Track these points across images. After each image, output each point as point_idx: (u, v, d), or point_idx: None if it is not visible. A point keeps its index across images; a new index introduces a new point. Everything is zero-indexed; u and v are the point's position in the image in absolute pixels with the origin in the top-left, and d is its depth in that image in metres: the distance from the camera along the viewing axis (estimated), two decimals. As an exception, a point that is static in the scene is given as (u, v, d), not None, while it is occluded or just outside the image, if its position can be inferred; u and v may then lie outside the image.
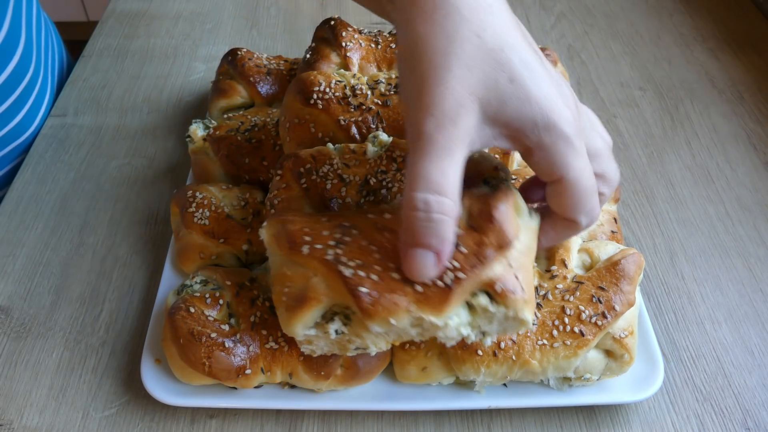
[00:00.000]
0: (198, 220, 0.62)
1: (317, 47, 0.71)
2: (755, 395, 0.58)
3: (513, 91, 0.41)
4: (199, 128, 0.71)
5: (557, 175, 0.44)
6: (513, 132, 0.43)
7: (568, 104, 0.43)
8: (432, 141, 0.40)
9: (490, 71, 0.41)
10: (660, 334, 0.62)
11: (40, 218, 0.73)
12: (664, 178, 0.78)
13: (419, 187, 0.40)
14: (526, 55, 0.42)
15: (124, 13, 1.05)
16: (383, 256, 0.44)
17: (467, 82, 0.41)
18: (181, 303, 0.55)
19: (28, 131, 0.83)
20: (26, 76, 0.82)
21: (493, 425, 0.56)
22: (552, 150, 0.43)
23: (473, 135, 0.42)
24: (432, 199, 0.40)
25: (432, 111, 0.40)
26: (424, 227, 0.40)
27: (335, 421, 0.56)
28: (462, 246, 0.43)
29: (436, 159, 0.40)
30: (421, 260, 0.41)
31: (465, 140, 0.41)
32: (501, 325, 0.45)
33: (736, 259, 0.69)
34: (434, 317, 0.43)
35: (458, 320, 0.44)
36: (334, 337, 0.46)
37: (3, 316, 0.64)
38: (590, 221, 0.47)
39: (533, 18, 1.05)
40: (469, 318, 0.44)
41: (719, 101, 0.89)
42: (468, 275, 0.43)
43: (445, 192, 0.40)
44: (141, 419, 0.56)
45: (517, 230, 0.45)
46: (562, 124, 0.42)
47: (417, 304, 0.43)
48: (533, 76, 0.42)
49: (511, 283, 0.43)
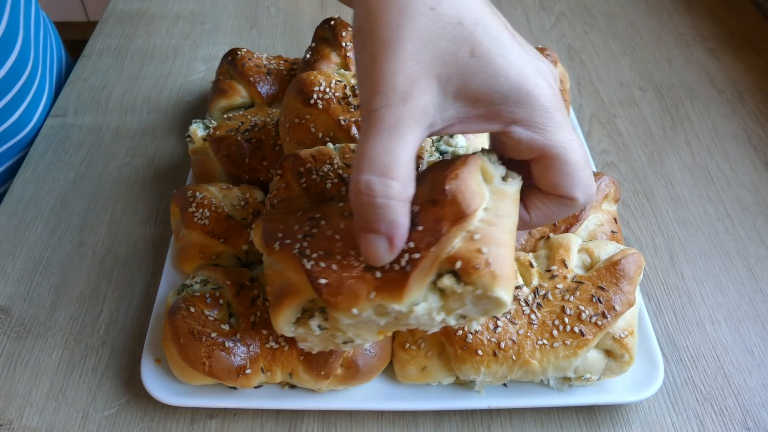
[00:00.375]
0: (198, 220, 0.62)
1: (317, 47, 0.71)
2: (755, 395, 0.58)
3: (476, 66, 0.38)
4: (199, 128, 0.71)
5: (538, 150, 0.40)
6: (483, 110, 0.40)
7: (544, 76, 0.40)
8: (379, 119, 0.37)
9: (446, 45, 0.38)
10: (660, 334, 0.62)
11: (40, 218, 0.73)
12: (664, 178, 0.78)
13: (363, 169, 0.37)
14: (491, 27, 0.39)
15: (124, 13, 1.05)
16: (345, 243, 0.42)
17: (421, 58, 0.38)
18: (182, 303, 0.55)
19: (26, 129, 0.83)
20: (24, 74, 0.82)
21: (493, 425, 0.56)
22: (529, 125, 0.40)
23: (431, 114, 0.39)
24: (375, 182, 0.37)
25: (381, 88, 0.38)
26: (370, 212, 0.38)
27: (335, 421, 0.56)
28: (420, 224, 0.40)
29: (383, 138, 0.37)
30: (373, 245, 0.39)
31: (419, 119, 0.38)
32: (477, 307, 0.41)
33: (736, 259, 0.69)
34: (395, 304, 0.40)
35: (427, 305, 0.41)
36: (318, 333, 0.45)
37: (3, 316, 0.64)
38: (588, 197, 0.43)
39: (533, 18, 1.05)
40: (441, 302, 0.41)
41: (719, 101, 0.89)
42: (424, 255, 0.39)
43: (390, 174, 0.37)
44: (141, 419, 0.56)
45: (481, 198, 0.41)
46: (538, 96, 0.39)
47: (377, 292, 0.40)
48: (499, 47, 0.39)
49: (474, 259, 0.39)
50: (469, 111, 0.40)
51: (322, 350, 0.49)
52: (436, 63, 0.38)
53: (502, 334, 0.52)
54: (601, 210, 0.64)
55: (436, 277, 0.41)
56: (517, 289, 0.54)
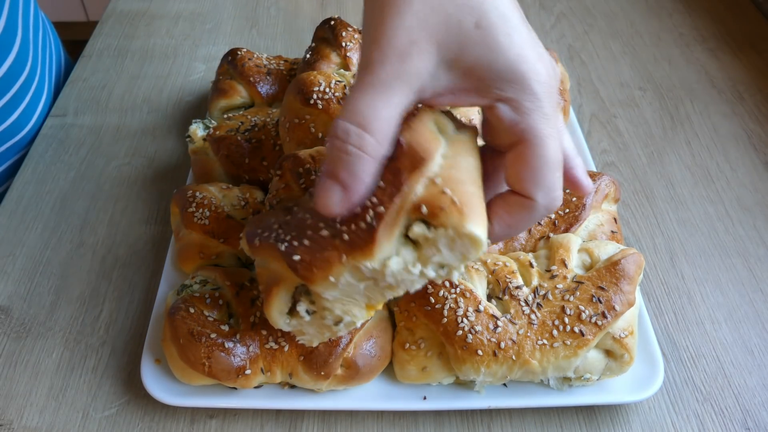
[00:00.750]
0: (198, 220, 0.62)
1: (317, 47, 0.71)
2: (755, 395, 0.58)
3: (478, 37, 0.38)
4: (199, 128, 0.71)
5: (516, 134, 0.40)
6: (474, 83, 0.39)
7: (544, 63, 0.40)
8: (372, 73, 0.38)
9: (454, 12, 0.38)
10: (660, 334, 0.62)
11: (40, 218, 0.73)
12: (664, 178, 0.78)
13: (345, 115, 0.38)
14: (501, 3, 0.39)
15: (124, 13, 1.05)
16: (314, 220, 0.42)
17: (426, 21, 0.38)
18: (181, 303, 0.55)
19: (25, 129, 0.83)
20: (23, 74, 0.82)
21: (493, 425, 0.56)
22: (515, 106, 0.39)
23: (424, 79, 0.39)
24: (353, 131, 0.37)
25: (381, 43, 0.38)
26: (337, 157, 0.38)
27: (335, 421, 0.56)
28: (381, 181, 0.40)
29: (371, 92, 0.37)
30: (329, 191, 0.39)
31: (410, 81, 0.38)
32: (453, 252, 0.40)
33: (736, 259, 0.69)
34: (368, 261, 0.40)
35: (401, 259, 0.40)
36: (308, 319, 0.46)
37: (3, 316, 0.64)
38: (549, 203, 0.41)
39: (533, 18, 1.05)
40: (415, 253, 0.41)
41: (719, 101, 0.89)
42: (388, 207, 0.39)
43: (369, 128, 0.37)
44: (141, 419, 0.56)
45: (436, 145, 0.40)
46: (531, 80, 0.39)
47: (347, 254, 0.40)
48: (505, 25, 0.38)
49: (438, 200, 0.39)
50: (461, 83, 0.39)
51: (321, 341, 0.49)
52: (439, 28, 0.38)
53: (502, 334, 0.52)
54: (601, 210, 0.64)
55: (406, 230, 0.40)
56: (517, 289, 0.54)
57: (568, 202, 0.62)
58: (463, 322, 0.52)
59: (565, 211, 0.61)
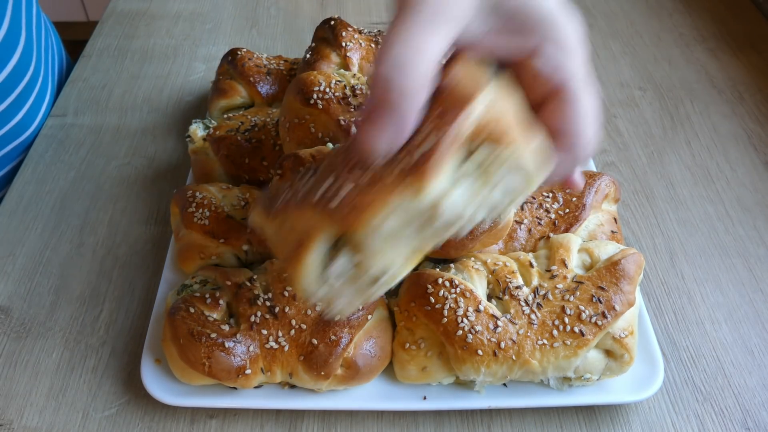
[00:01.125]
0: (198, 220, 0.62)
1: (317, 47, 0.72)
2: (755, 395, 0.58)
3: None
4: (199, 128, 0.71)
5: (559, 80, 0.39)
6: (518, 26, 0.39)
7: (575, 24, 0.40)
8: (417, 11, 0.36)
9: None
10: (660, 334, 0.62)
11: (40, 218, 0.73)
12: (664, 178, 0.78)
13: (388, 51, 0.36)
14: None
15: (124, 13, 1.05)
16: (350, 168, 0.40)
17: None
18: (181, 303, 0.55)
19: (28, 131, 0.83)
20: (26, 76, 0.82)
21: (493, 425, 0.56)
22: (556, 51, 0.39)
23: (468, 17, 0.38)
24: (397, 64, 0.36)
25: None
26: (382, 95, 0.36)
27: (335, 421, 0.56)
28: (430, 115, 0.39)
29: (415, 30, 0.36)
30: (375, 131, 0.37)
31: (455, 17, 0.37)
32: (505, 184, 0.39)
33: (736, 259, 0.69)
34: (425, 193, 0.38)
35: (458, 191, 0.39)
36: (349, 273, 0.42)
37: (3, 316, 0.64)
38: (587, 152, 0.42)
39: (533, 18, 1.05)
40: (473, 187, 0.39)
41: (719, 101, 0.89)
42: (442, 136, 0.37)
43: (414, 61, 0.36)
44: (141, 419, 0.56)
45: (485, 79, 0.40)
46: (568, 33, 0.39)
47: (399, 190, 0.38)
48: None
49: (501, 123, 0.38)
50: (504, 25, 0.39)
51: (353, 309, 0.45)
52: None
53: (502, 334, 0.52)
54: (601, 210, 0.64)
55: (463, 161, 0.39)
56: (517, 289, 0.54)
57: (568, 202, 0.62)
58: (463, 322, 0.52)
59: (565, 211, 0.61)
